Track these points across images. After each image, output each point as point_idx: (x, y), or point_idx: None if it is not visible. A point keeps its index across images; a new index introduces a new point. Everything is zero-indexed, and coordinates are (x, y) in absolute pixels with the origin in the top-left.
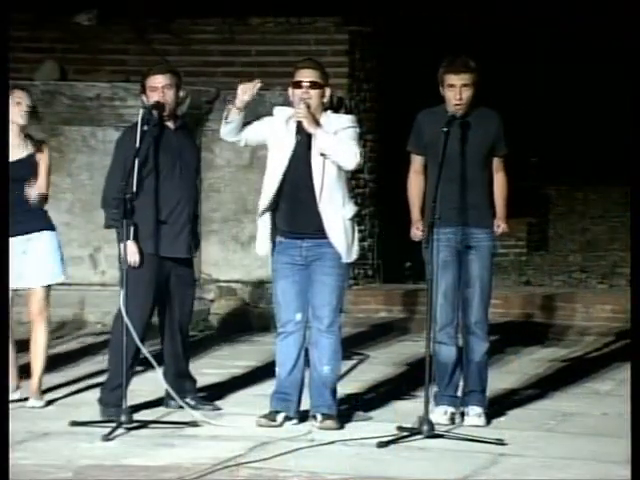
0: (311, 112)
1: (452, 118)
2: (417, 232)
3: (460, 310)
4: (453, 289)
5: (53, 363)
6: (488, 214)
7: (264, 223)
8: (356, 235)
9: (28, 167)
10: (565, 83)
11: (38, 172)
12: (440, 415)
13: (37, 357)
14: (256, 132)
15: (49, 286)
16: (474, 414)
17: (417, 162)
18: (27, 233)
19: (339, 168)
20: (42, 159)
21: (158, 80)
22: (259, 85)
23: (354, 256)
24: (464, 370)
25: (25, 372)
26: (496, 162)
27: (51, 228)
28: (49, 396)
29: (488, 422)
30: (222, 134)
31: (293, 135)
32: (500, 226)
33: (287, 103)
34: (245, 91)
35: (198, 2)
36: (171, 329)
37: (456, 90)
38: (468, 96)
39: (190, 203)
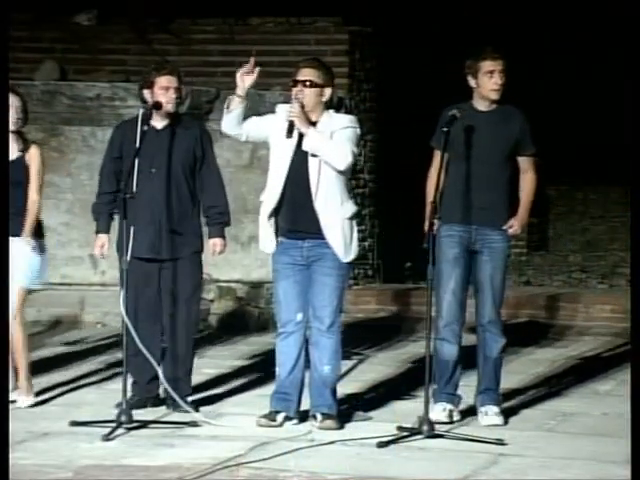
0: (304, 112)
1: (452, 118)
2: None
3: (474, 310)
4: (462, 287)
5: (53, 363)
6: (504, 215)
7: (269, 221)
8: (355, 234)
9: (19, 169)
10: (565, 83)
11: (29, 175)
12: (439, 412)
13: (20, 359)
14: (258, 128)
15: (27, 290)
16: (492, 413)
17: (438, 159)
18: (16, 236)
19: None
20: (32, 161)
21: (171, 81)
22: (258, 68)
23: (352, 256)
24: (479, 368)
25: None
26: (524, 162)
27: (38, 237)
28: (50, 396)
29: (506, 421)
30: (223, 126)
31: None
32: (513, 227)
33: (287, 102)
34: (244, 77)
35: (198, 2)
36: (168, 331)
37: (496, 75)
38: (503, 82)
39: (165, 204)
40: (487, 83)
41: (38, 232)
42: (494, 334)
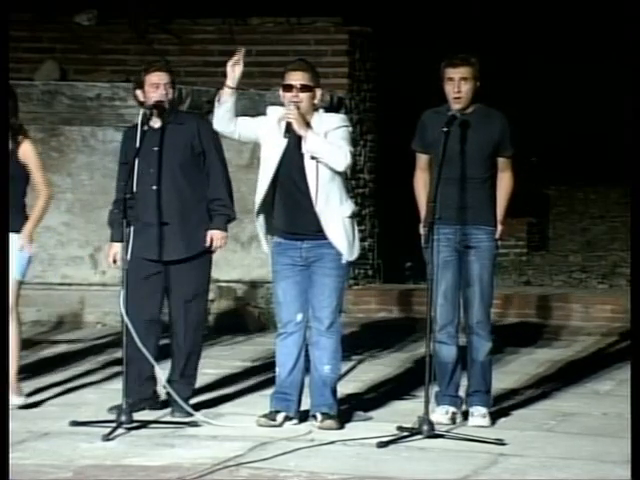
0: (301, 113)
1: (452, 118)
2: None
3: (462, 310)
4: (453, 289)
5: (53, 363)
6: (489, 214)
7: (260, 223)
8: (356, 233)
9: (12, 163)
10: (565, 83)
11: (24, 169)
12: (441, 415)
13: (11, 357)
14: (250, 127)
15: (21, 282)
16: (478, 414)
17: (422, 160)
18: (17, 232)
19: (331, 168)
20: (28, 158)
21: (161, 77)
22: (244, 50)
23: (356, 254)
24: (468, 370)
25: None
26: (501, 162)
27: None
28: (50, 396)
29: (493, 422)
30: (215, 122)
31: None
32: (497, 230)
33: (279, 104)
34: (233, 66)
35: (198, 2)
36: (172, 333)
37: (454, 83)
38: (467, 90)
39: (166, 205)
40: (448, 91)
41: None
42: (481, 337)
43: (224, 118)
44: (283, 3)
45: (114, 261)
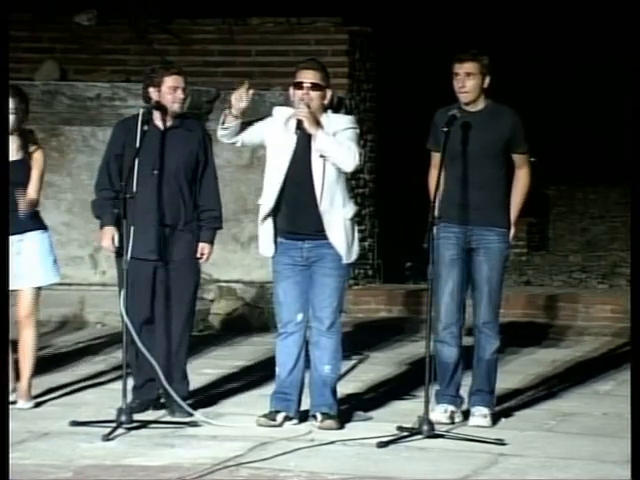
0: (312, 112)
1: (452, 118)
2: None
3: (471, 310)
4: (460, 288)
5: (53, 363)
6: (500, 214)
7: (267, 223)
8: (356, 235)
9: (20, 170)
10: (565, 83)
11: (30, 176)
12: (440, 413)
13: (25, 359)
14: (253, 134)
15: (39, 288)
16: (479, 414)
17: (436, 158)
18: (19, 233)
19: (338, 169)
20: (35, 164)
21: (179, 81)
22: (252, 91)
23: (354, 256)
24: (473, 369)
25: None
26: (516, 159)
27: (43, 228)
28: (50, 396)
29: (494, 423)
30: (219, 136)
31: (292, 135)
32: (511, 232)
33: (287, 103)
34: (239, 98)
35: (198, 2)
36: (163, 333)
37: (459, 79)
38: (472, 85)
39: (167, 206)
40: (455, 86)
41: (42, 224)
42: (488, 336)
43: (228, 136)
44: (283, 3)
45: (112, 246)
